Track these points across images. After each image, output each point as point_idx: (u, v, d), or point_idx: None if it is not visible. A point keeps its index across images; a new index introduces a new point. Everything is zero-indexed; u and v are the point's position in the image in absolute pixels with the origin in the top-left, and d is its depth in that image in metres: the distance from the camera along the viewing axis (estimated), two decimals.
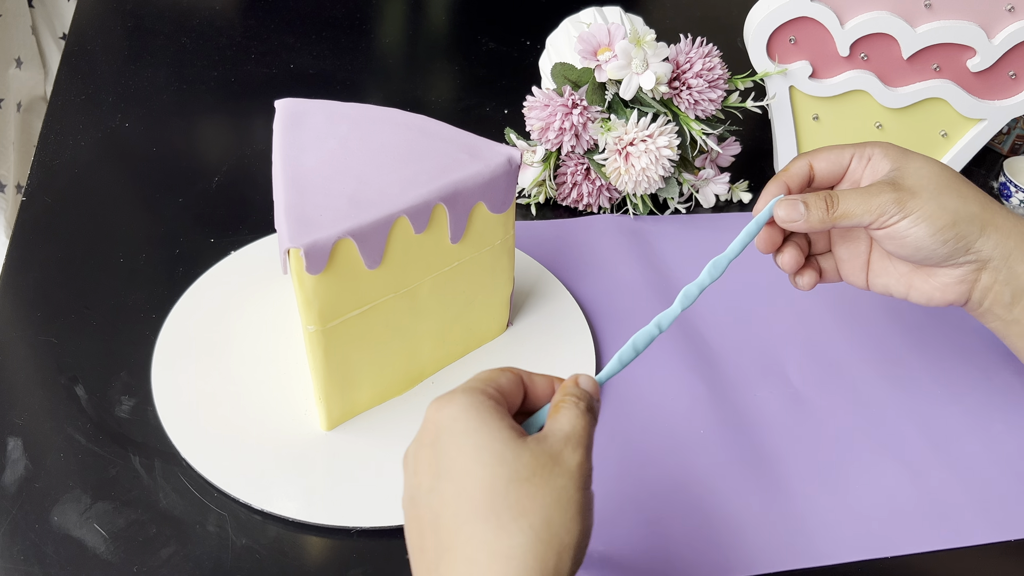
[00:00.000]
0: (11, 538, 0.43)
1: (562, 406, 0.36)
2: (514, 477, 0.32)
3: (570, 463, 0.34)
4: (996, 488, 0.52)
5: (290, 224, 0.42)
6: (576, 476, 0.34)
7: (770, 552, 0.47)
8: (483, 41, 0.94)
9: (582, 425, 0.35)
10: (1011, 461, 0.54)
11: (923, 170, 0.44)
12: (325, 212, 0.42)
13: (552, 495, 0.33)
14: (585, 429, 0.35)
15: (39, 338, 0.54)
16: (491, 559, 0.31)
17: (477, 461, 0.33)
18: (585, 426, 0.35)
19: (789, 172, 0.47)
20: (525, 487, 0.32)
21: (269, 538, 0.45)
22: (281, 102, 0.49)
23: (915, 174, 0.44)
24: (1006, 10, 0.64)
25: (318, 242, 0.41)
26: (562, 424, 0.35)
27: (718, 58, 0.65)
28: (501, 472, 0.32)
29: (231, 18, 0.92)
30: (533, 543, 0.31)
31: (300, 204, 0.43)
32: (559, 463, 0.33)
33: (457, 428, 0.34)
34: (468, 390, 0.35)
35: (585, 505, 0.34)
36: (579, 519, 0.33)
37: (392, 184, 0.44)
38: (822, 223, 0.44)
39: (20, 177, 1.14)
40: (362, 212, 0.43)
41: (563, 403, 0.37)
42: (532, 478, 0.33)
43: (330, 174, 0.45)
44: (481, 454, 0.33)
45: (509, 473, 0.32)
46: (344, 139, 0.47)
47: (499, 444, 0.33)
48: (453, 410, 0.34)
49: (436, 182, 0.45)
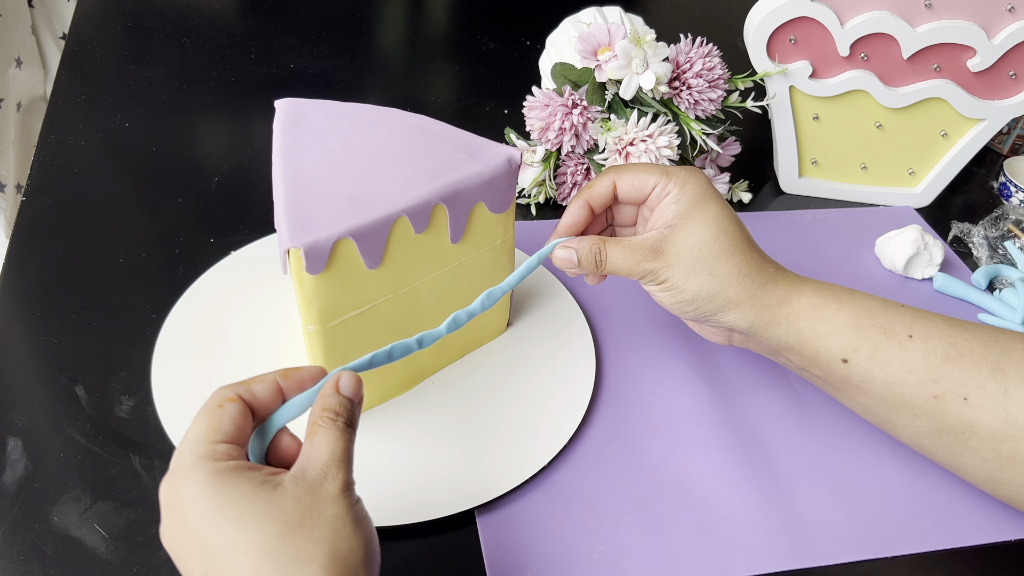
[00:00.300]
0: (11, 538, 0.43)
1: (319, 427, 0.35)
2: (286, 530, 0.32)
3: (334, 491, 0.34)
4: None
5: (290, 224, 0.42)
6: (342, 499, 0.34)
7: (770, 552, 0.47)
8: (483, 41, 0.94)
9: (341, 447, 0.35)
10: None
11: (690, 238, 0.46)
12: (325, 212, 0.42)
13: (329, 529, 0.33)
14: (344, 449, 0.35)
15: (39, 338, 0.54)
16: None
17: (241, 532, 0.32)
18: (344, 446, 0.35)
19: (592, 190, 0.48)
20: (300, 533, 0.32)
21: None
22: (281, 102, 0.49)
23: (681, 242, 0.46)
24: (1006, 10, 0.64)
25: (318, 242, 0.41)
26: (320, 452, 0.35)
27: (718, 58, 0.65)
28: (271, 530, 0.32)
29: (231, 18, 0.92)
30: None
31: (300, 204, 0.43)
32: (324, 497, 0.33)
33: (204, 508, 0.32)
34: (194, 465, 0.33)
35: (358, 517, 0.34)
36: (359, 534, 0.33)
37: (392, 184, 0.44)
38: (592, 273, 0.47)
39: (20, 177, 1.14)
40: (362, 212, 0.43)
41: (320, 423, 0.35)
42: (304, 522, 0.32)
43: (330, 174, 0.45)
44: (244, 522, 0.32)
45: (279, 528, 0.32)
46: (344, 139, 0.47)
47: (257, 505, 0.32)
48: (189, 492, 0.33)
49: (436, 182, 0.45)
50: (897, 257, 0.67)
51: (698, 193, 0.46)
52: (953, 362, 0.44)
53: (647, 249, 0.46)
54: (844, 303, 0.46)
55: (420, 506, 0.46)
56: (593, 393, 0.54)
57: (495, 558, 0.45)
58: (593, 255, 0.47)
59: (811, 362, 0.47)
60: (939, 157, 0.73)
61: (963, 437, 0.44)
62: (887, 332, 0.45)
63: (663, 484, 0.50)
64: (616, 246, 0.47)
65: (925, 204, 0.76)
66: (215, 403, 0.35)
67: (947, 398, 0.44)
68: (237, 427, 0.35)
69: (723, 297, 0.46)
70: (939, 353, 0.44)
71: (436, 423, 0.51)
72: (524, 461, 0.49)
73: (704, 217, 0.46)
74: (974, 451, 0.44)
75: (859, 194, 0.76)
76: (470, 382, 0.54)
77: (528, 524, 0.47)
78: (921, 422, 0.45)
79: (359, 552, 0.33)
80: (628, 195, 0.48)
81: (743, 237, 0.46)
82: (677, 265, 0.46)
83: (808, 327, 0.46)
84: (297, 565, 0.31)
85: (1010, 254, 0.69)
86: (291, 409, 0.37)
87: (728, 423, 0.54)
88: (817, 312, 0.46)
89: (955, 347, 0.44)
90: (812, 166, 0.75)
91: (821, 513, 0.50)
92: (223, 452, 0.34)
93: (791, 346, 0.47)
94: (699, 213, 0.46)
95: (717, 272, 0.45)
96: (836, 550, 0.48)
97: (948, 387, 0.44)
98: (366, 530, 0.34)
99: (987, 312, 0.65)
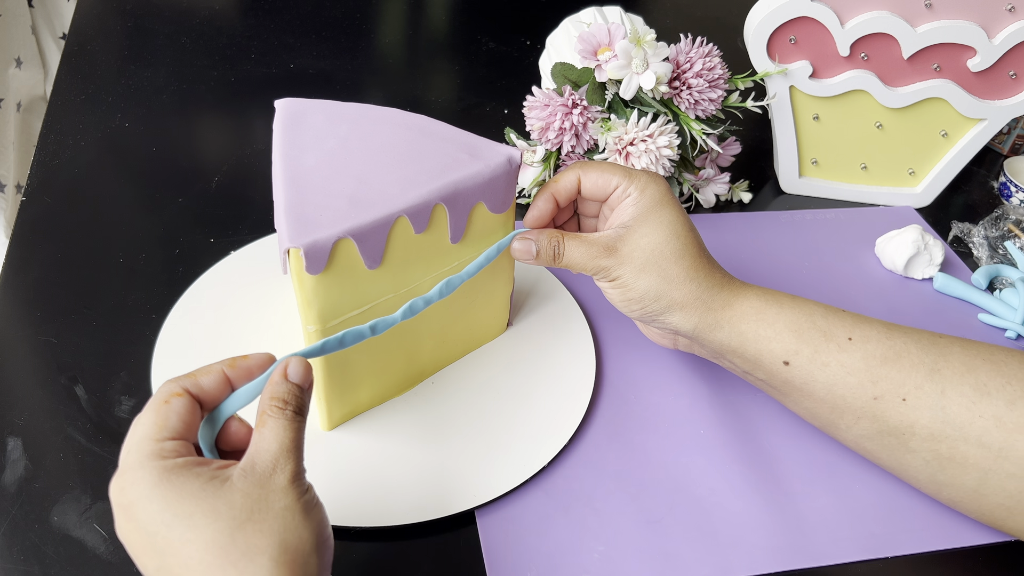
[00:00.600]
0: (11, 538, 0.43)
1: (268, 417, 0.36)
2: (235, 525, 0.32)
3: (282, 482, 0.34)
4: None
5: (290, 224, 0.42)
6: (291, 490, 0.34)
7: (770, 552, 0.47)
8: (483, 41, 0.94)
9: (290, 437, 0.35)
10: None
11: (644, 239, 0.47)
12: (325, 212, 0.42)
13: (278, 521, 0.33)
14: (293, 439, 0.35)
15: (39, 338, 0.54)
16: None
17: (191, 529, 0.32)
18: (292, 435, 0.35)
19: (558, 184, 0.49)
20: (249, 527, 0.33)
21: None
22: (281, 102, 0.49)
23: (636, 243, 0.47)
24: (1006, 10, 0.64)
25: (318, 242, 0.41)
26: (268, 443, 0.35)
27: (718, 58, 0.65)
28: (220, 527, 0.32)
29: (231, 18, 0.92)
30: (275, 570, 0.32)
31: (300, 204, 0.43)
32: (273, 489, 0.34)
33: (153, 508, 0.33)
34: (142, 464, 0.33)
35: (308, 506, 0.34)
36: (308, 523, 0.34)
37: (392, 184, 0.44)
38: (550, 265, 0.49)
39: (20, 177, 1.14)
40: (362, 212, 0.43)
41: (269, 413, 0.36)
42: (252, 516, 0.33)
43: (330, 174, 0.45)
44: (193, 520, 0.32)
45: (229, 524, 0.32)
46: (344, 139, 0.47)
47: (205, 502, 0.33)
48: (138, 492, 0.33)
49: (436, 182, 0.45)
50: (897, 257, 0.67)
51: (656, 198, 0.47)
52: (892, 364, 0.45)
53: (602, 246, 0.47)
54: (785, 307, 0.47)
55: (420, 506, 0.46)
56: (593, 393, 0.54)
57: (495, 558, 0.45)
58: (552, 248, 0.48)
59: (754, 365, 0.48)
60: (939, 157, 0.73)
61: (904, 438, 0.45)
62: (827, 335, 0.46)
63: (663, 484, 0.50)
64: (574, 240, 0.48)
65: (925, 204, 0.76)
66: (162, 399, 0.35)
67: (886, 399, 0.45)
68: (184, 422, 0.35)
69: (669, 298, 0.47)
70: (878, 355, 0.45)
71: (436, 423, 0.51)
72: (524, 461, 0.49)
73: (659, 221, 0.47)
74: (915, 452, 0.45)
75: (859, 194, 0.76)
76: (470, 382, 0.54)
77: (528, 524, 0.47)
78: (863, 424, 0.46)
79: (309, 541, 0.34)
80: (591, 192, 0.49)
81: (695, 243, 0.48)
82: (629, 264, 0.47)
83: (750, 330, 0.47)
84: (247, 559, 0.32)
85: (1010, 254, 0.69)
86: (240, 398, 0.37)
87: (728, 423, 0.54)
88: (759, 315, 0.47)
89: (893, 349, 0.45)
90: (812, 166, 0.75)
91: (821, 513, 0.50)
92: (171, 449, 0.34)
93: (734, 349, 0.48)
94: (655, 217, 0.47)
95: (666, 273, 0.47)
96: (836, 550, 0.48)
97: (887, 388, 0.45)
98: (316, 518, 0.35)
99: (987, 312, 0.65)
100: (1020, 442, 0.42)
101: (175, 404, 0.35)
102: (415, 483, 0.48)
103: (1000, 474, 0.43)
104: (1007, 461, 0.43)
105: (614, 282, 0.48)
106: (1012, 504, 0.43)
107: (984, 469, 0.43)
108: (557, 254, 0.48)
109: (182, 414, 0.35)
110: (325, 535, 0.35)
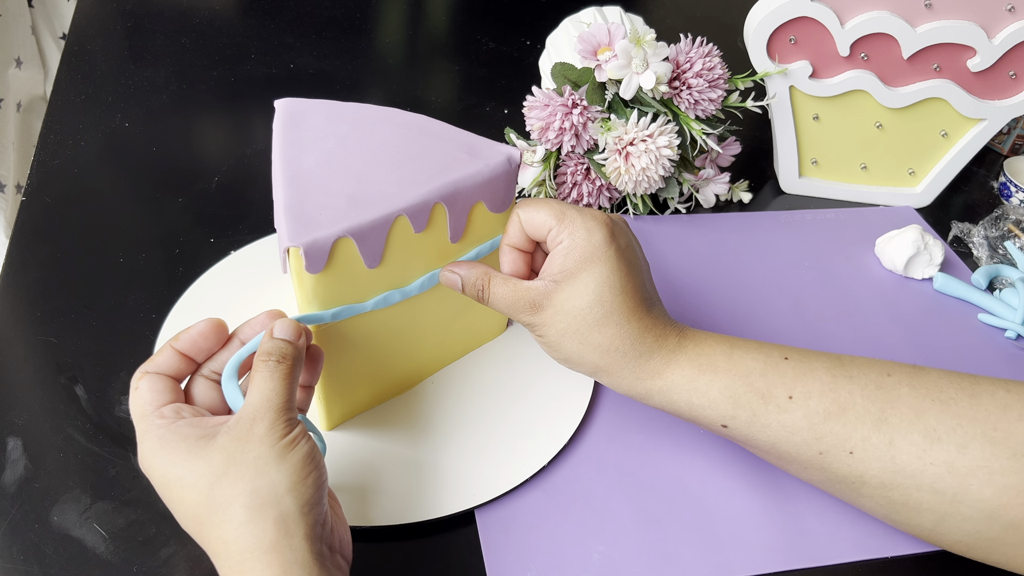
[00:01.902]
0: (11, 538, 0.43)
1: (254, 372, 0.39)
2: (212, 481, 0.36)
3: (260, 432, 0.36)
4: None
5: (289, 223, 0.42)
6: (266, 439, 0.36)
7: (770, 552, 0.47)
8: (483, 41, 0.94)
9: (270, 387, 0.38)
10: None
11: (568, 303, 0.44)
12: (325, 211, 0.42)
13: (250, 470, 0.36)
14: (274, 388, 0.38)
15: (39, 338, 0.54)
16: (225, 549, 0.35)
17: (182, 489, 0.36)
18: (274, 385, 0.38)
19: (508, 234, 0.47)
20: (224, 481, 0.35)
21: None
22: (281, 102, 0.49)
23: (559, 304, 0.44)
24: (1006, 10, 0.64)
25: (317, 241, 0.41)
26: (252, 396, 0.38)
27: (718, 58, 0.65)
28: (201, 485, 0.36)
29: (231, 18, 0.92)
30: (246, 515, 0.35)
31: (300, 203, 0.43)
32: (250, 440, 0.36)
33: (156, 474, 0.37)
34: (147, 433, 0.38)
35: (282, 450, 0.36)
36: (283, 465, 0.36)
37: (392, 183, 0.44)
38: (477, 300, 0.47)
39: (20, 177, 1.14)
40: (362, 211, 0.43)
41: (255, 368, 0.39)
42: (228, 470, 0.36)
43: (330, 173, 0.45)
44: (183, 482, 0.36)
45: (208, 481, 0.36)
46: (344, 138, 0.47)
47: (189, 463, 0.36)
48: (147, 462, 0.37)
49: (436, 181, 0.45)
50: (897, 257, 0.67)
51: (587, 251, 0.44)
52: (835, 418, 0.43)
53: (528, 302, 0.45)
54: (720, 372, 0.44)
55: (420, 506, 0.46)
56: (593, 393, 0.54)
57: (495, 558, 0.45)
58: (477, 289, 0.46)
59: (693, 423, 0.47)
60: (939, 157, 0.73)
61: (855, 487, 0.44)
62: (766, 396, 0.44)
63: (663, 484, 0.50)
64: (502, 287, 0.46)
65: (925, 204, 0.76)
66: (132, 388, 0.40)
67: (832, 453, 0.43)
68: (159, 392, 0.39)
69: (593, 364, 0.45)
70: (820, 411, 0.43)
71: (436, 423, 0.51)
72: (524, 461, 0.49)
73: (587, 281, 0.44)
74: (868, 498, 0.44)
75: (859, 194, 0.76)
76: (470, 382, 0.54)
77: (528, 524, 0.47)
78: (812, 473, 0.45)
79: (283, 483, 0.36)
80: (530, 232, 0.46)
81: (623, 306, 0.44)
82: (552, 326, 0.45)
83: (683, 400, 0.45)
84: (222, 512, 0.35)
85: (1010, 254, 0.69)
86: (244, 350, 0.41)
87: None
88: (691, 384, 0.45)
89: (837, 403, 0.43)
90: (812, 166, 0.75)
91: (821, 513, 0.50)
92: (170, 411, 0.38)
93: (669, 412, 0.46)
94: (584, 275, 0.44)
95: (587, 341, 0.44)
96: (836, 550, 0.48)
97: (832, 443, 0.43)
98: (293, 459, 0.36)
99: (987, 312, 0.65)
100: (974, 486, 0.41)
101: (142, 385, 0.39)
102: (415, 483, 0.48)
103: (956, 517, 0.42)
104: (962, 505, 0.41)
105: (539, 339, 0.46)
106: (971, 542, 0.42)
107: (940, 513, 0.42)
108: (482, 296, 0.46)
109: (153, 388, 0.39)
110: (304, 473, 0.36)
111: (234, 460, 0.36)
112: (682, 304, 0.62)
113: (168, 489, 0.37)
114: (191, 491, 0.36)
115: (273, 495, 0.35)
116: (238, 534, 0.35)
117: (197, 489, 0.36)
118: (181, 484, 0.36)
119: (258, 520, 0.35)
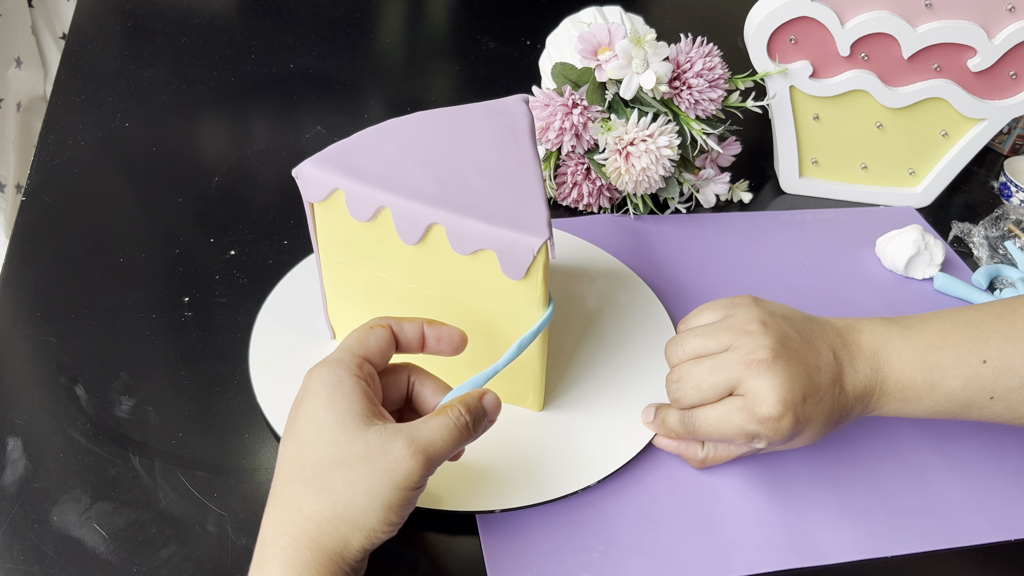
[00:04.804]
0: (11, 538, 0.43)
1: (445, 412, 0.39)
2: (338, 461, 0.37)
3: (399, 465, 0.37)
4: (996, 487, 0.52)
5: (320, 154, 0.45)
6: (397, 477, 0.37)
7: (770, 552, 0.47)
8: (483, 41, 0.94)
9: (442, 438, 0.38)
10: (1011, 460, 0.54)
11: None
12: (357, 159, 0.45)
13: (363, 484, 0.36)
14: (445, 444, 0.38)
15: (39, 338, 0.54)
16: (297, 513, 0.36)
17: (317, 438, 0.37)
18: (447, 440, 0.38)
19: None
20: (343, 471, 0.36)
21: None
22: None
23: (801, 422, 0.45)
24: (1006, 10, 0.64)
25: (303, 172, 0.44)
26: (428, 431, 0.38)
27: (718, 58, 0.65)
28: (329, 453, 0.37)
29: (231, 18, 0.92)
30: (329, 514, 0.36)
31: (350, 146, 0.45)
32: (387, 460, 0.37)
33: (313, 402, 0.38)
34: (334, 363, 0.39)
35: (399, 503, 0.37)
36: (384, 511, 0.36)
37: (431, 183, 0.45)
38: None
39: (20, 177, 1.14)
40: (368, 178, 0.44)
41: (449, 409, 0.39)
42: (353, 465, 0.36)
43: (404, 144, 0.46)
44: (320, 433, 0.37)
45: (335, 456, 0.37)
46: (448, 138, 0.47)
47: (338, 428, 0.37)
48: (316, 383, 0.38)
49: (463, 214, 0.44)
50: (898, 257, 0.67)
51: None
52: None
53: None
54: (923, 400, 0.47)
55: (420, 504, 0.46)
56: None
57: (495, 558, 0.45)
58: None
59: None
60: (939, 157, 0.73)
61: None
62: (968, 404, 0.47)
63: (663, 484, 0.50)
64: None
65: (925, 204, 0.76)
66: (368, 326, 0.41)
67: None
68: (380, 349, 0.40)
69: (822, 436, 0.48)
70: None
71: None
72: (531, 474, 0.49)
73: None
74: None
75: (859, 194, 0.76)
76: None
77: (528, 524, 0.47)
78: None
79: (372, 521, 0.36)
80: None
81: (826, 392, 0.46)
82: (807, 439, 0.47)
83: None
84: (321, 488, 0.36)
85: (1010, 254, 0.69)
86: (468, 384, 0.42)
87: None
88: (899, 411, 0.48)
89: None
90: (812, 166, 0.75)
91: (821, 513, 0.50)
92: (367, 371, 0.39)
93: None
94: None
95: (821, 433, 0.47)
96: (836, 550, 0.48)
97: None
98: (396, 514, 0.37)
99: None
100: None
101: (377, 332, 0.41)
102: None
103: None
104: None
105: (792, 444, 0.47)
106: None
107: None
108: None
109: (380, 342, 0.40)
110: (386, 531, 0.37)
111: (363, 463, 0.36)
112: (682, 304, 0.62)
113: (305, 421, 0.38)
114: (317, 447, 0.37)
115: (355, 521, 0.36)
116: (310, 512, 0.36)
117: (323, 452, 0.37)
118: (317, 435, 0.37)
119: (330, 521, 0.36)
